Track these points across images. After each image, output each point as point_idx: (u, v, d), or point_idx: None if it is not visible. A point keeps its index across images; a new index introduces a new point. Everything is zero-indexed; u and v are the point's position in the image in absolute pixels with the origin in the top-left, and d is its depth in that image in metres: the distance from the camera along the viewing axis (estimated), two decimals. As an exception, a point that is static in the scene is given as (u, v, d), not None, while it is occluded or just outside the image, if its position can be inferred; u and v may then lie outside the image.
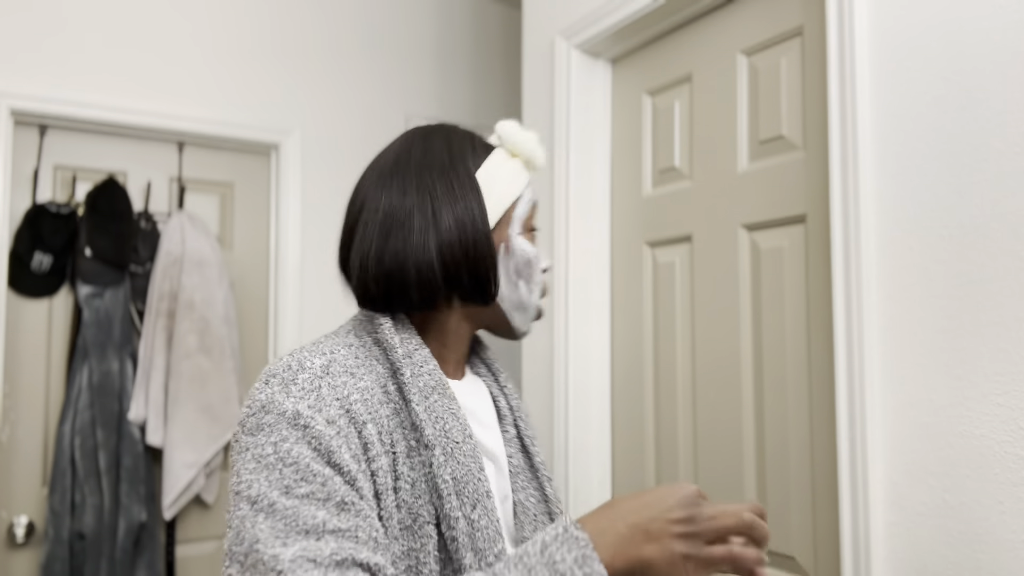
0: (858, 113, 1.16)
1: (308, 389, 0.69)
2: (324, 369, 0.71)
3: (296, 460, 0.65)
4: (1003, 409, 0.98)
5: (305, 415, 0.67)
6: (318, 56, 2.54)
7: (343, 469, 0.66)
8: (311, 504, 0.63)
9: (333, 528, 0.63)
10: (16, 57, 2.07)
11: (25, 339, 2.09)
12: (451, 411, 0.74)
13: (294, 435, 0.66)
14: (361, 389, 0.72)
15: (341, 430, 0.68)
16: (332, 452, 0.66)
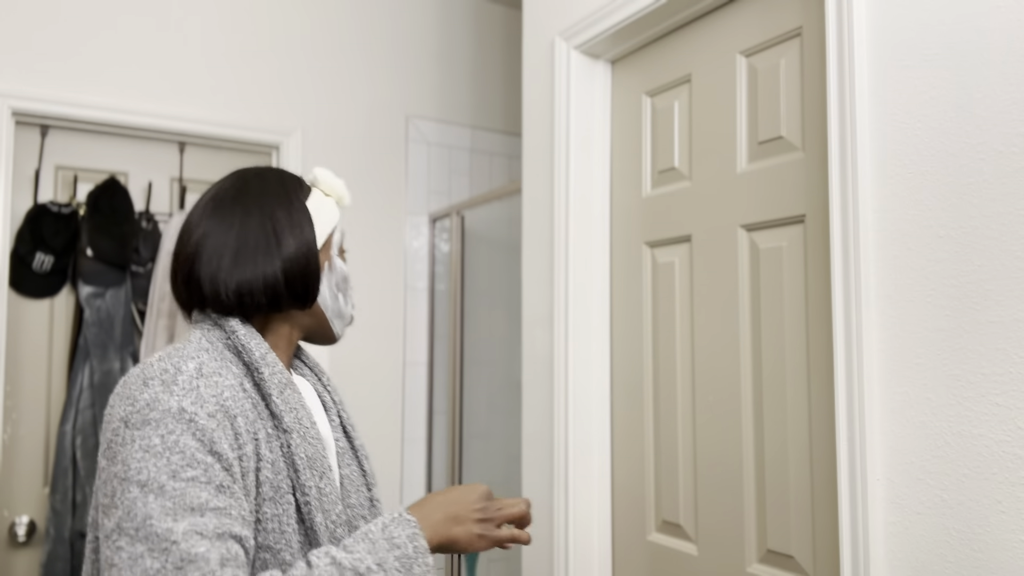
0: (857, 113, 1.16)
1: (188, 388, 0.81)
2: (198, 371, 0.83)
3: (183, 449, 0.76)
4: (1001, 409, 0.99)
5: (189, 411, 0.79)
6: (318, 56, 2.54)
7: (222, 456, 0.79)
8: (196, 486, 0.75)
9: (214, 507, 0.75)
10: (17, 57, 2.07)
11: (26, 339, 2.09)
12: (300, 403, 0.90)
13: (180, 428, 0.77)
14: (228, 387, 0.85)
15: (220, 423, 0.80)
16: (214, 442, 0.79)
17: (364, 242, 2.60)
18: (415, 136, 2.75)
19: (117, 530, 0.73)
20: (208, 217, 0.92)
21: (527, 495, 1.90)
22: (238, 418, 0.83)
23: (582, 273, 1.79)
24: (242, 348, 0.89)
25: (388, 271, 2.66)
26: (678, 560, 1.58)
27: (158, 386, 0.80)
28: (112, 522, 0.74)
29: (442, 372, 2.74)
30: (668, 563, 1.60)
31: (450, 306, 2.69)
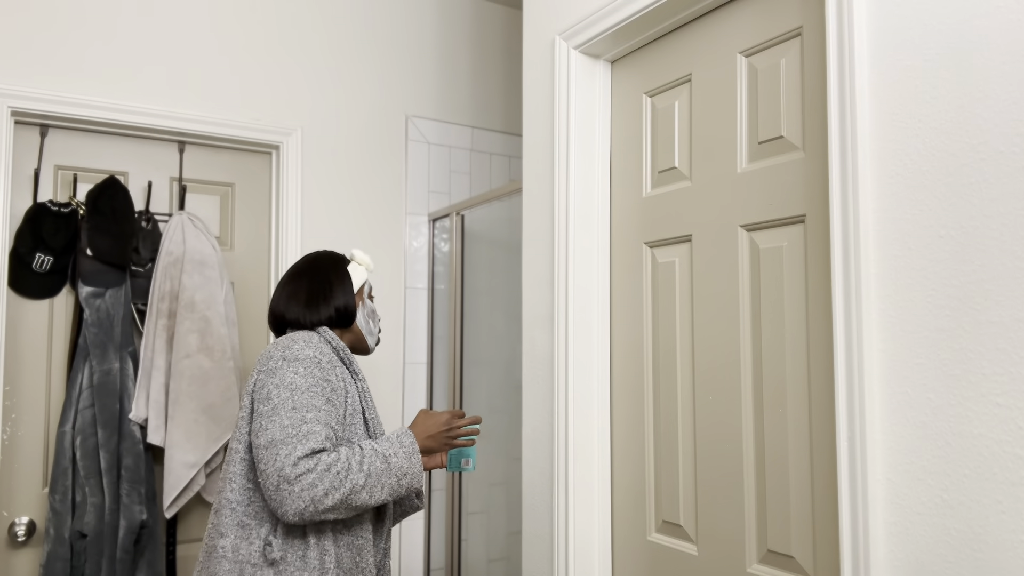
0: (857, 113, 1.16)
1: (317, 346, 1.48)
2: (316, 345, 1.49)
3: (313, 375, 1.43)
4: (1002, 409, 0.99)
5: (318, 358, 1.46)
6: (319, 56, 2.54)
7: (331, 383, 1.45)
8: (317, 396, 1.42)
9: (323, 408, 1.41)
10: (17, 57, 2.07)
11: (26, 339, 2.09)
12: (362, 375, 1.58)
13: (313, 365, 1.44)
14: (329, 355, 1.50)
15: (332, 367, 1.48)
16: (328, 374, 1.45)
17: (364, 242, 2.60)
18: (415, 136, 2.75)
19: (271, 409, 1.38)
20: (288, 280, 1.63)
21: (527, 495, 1.90)
22: (336, 368, 1.48)
23: (582, 273, 1.79)
24: (331, 339, 1.54)
25: (388, 271, 2.66)
26: (678, 560, 1.58)
27: (301, 344, 1.46)
28: (267, 407, 1.39)
29: (442, 372, 2.74)
30: (668, 563, 1.60)
31: (450, 306, 2.69)
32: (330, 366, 1.46)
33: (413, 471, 1.45)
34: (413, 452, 1.46)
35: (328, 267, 1.63)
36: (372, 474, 1.38)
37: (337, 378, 1.46)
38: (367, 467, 1.38)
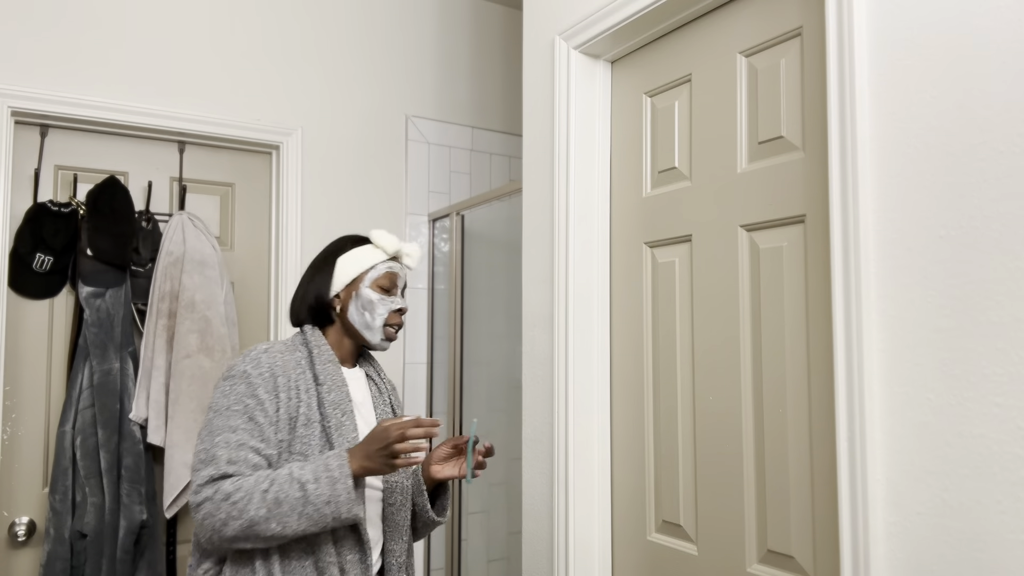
0: (857, 113, 1.16)
1: (253, 359, 1.36)
2: (266, 349, 1.38)
3: (238, 392, 1.32)
4: (1002, 409, 0.99)
5: (249, 371, 1.34)
6: (318, 56, 2.54)
7: (259, 398, 1.31)
8: (237, 415, 1.30)
9: (243, 427, 1.29)
10: (17, 57, 2.07)
11: (26, 339, 2.09)
12: (337, 371, 1.42)
13: (240, 381, 1.33)
14: (283, 360, 1.38)
15: (265, 379, 1.33)
16: (256, 388, 1.32)
17: (364, 242, 2.60)
18: (415, 136, 2.75)
19: (198, 434, 1.41)
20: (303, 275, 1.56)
21: (527, 495, 1.90)
22: (279, 377, 1.35)
23: (582, 273, 1.79)
24: (308, 341, 1.44)
25: (388, 271, 2.66)
26: (678, 560, 1.58)
27: (239, 358, 1.37)
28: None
29: (442, 372, 2.74)
30: (668, 563, 1.60)
31: (450, 306, 2.69)
32: (268, 376, 1.33)
33: (338, 499, 1.23)
34: (340, 478, 1.24)
35: (321, 257, 1.51)
36: (282, 503, 1.22)
37: (275, 388, 1.33)
38: (273, 496, 1.22)
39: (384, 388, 1.56)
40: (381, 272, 1.47)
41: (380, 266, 1.48)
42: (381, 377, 1.57)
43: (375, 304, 1.45)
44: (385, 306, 1.46)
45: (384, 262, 1.49)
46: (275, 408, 1.32)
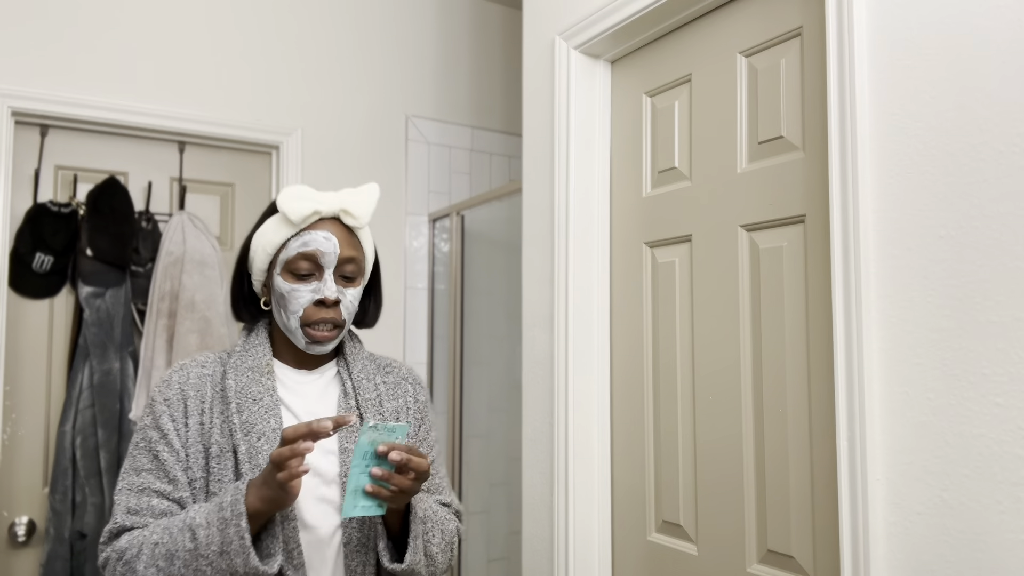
0: (857, 113, 1.16)
1: (164, 379, 1.14)
2: (182, 364, 1.15)
3: (143, 426, 1.11)
4: (1001, 409, 0.99)
5: (155, 397, 1.12)
6: (318, 56, 2.54)
7: (162, 430, 1.09)
8: (142, 453, 1.09)
9: (148, 468, 1.08)
10: (17, 57, 2.07)
11: (26, 339, 2.09)
12: (258, 381, 1.12)
13: (147, 410, 1.12)
14: (200, 376, 1.13)
15: (172, 404, 1.10)
16: (159, 419, 1.10)
17: (364, 242, 2.60)
18: (415, 136, 2.75)
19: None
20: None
21: (527, 495, 1.90)
22: (190, 399, 1.11)
23: (582, 273, 1.79)
24: (231, 348, 1.19)
25: (388, 271, 2.66)
26: (678, 560, 1.58)
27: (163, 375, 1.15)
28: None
29: (442, 372, 2.74)
30: (668, 563, 1.60)
31: (450, 306, 2.69)
32: (177, 400, 1.10)
33: (230, 547, 0.95)
34: (232, 518, 0.96)
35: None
36: (175, 557, 0.98)
37: (184, 414, 1.09)
38: (165, 549, 0.99)
39: (355, 388, 1.18)
40: (292, 252, 1.09)
41: (291, 243, 1.10)
42: (352, 371, 1.19)
43: (286, 297, 1.10)
44: (299, 298, 1.09)
45: (297, 236, 1.10)
46: (183, 440, 1.08)
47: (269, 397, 1.11)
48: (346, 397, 1.17)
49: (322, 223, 1.11)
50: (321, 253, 1.09)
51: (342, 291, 1.12)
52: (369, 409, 1.16)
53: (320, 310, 1.10)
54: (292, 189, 1.10)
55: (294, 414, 1.13)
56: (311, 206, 1.09)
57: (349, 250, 1.13)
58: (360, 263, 1.15)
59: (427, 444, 1.26)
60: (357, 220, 1.12)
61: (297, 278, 1.10)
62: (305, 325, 1.10)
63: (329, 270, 1.10)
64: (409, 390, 1.26)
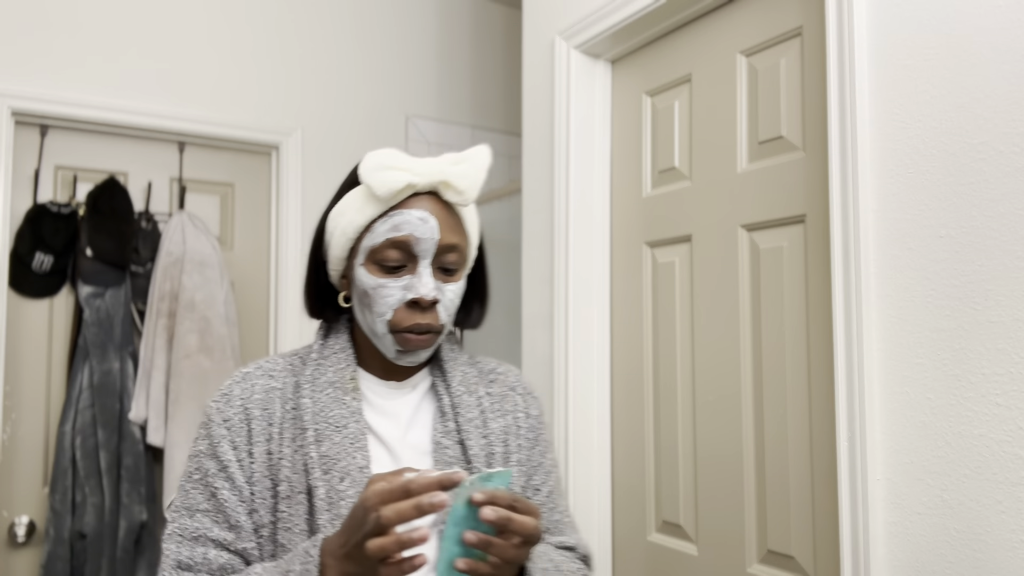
0: (858, 113, 1.16)
1: (224, 392, 0.92)
2: (244, 374, 0.93)
3: (197, 452, 0.90)
4: (1002, 409, 0.99)
5: (212, 415, 0.90)
6: (318, 56, 2.54)
7: (221, 460, 0.87)
8: (197, 488, 0.88)
9: (204, 509, 0.86)
10: (17, 57, 2.07)
11: (26, 339, 2.09)
12: (341, 402, 0.90)
13: (203, 431, 0.90)
14: (268, 389, 0.91)
15: (233, 426, 0.89)
16: (217, 445, 0.88)
17: (364, 242, 2.60)
18: (415, 136, 2.75)
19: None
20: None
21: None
22: (255, 420, 0.89)
23: (582, 273, 1.79)
24: (309, 350, 0.97)
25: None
26: (678, 560, 1.58)
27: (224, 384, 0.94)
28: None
29: (442, 372, 2.73)
30: (668, 563, 1.60)
31: (450, 306, 2.68)
32: (239, 421, 0.88)
33: None
34: None
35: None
36: None
37: (247, 440, 0.88)
38: None
39: (454, 407, 0.94)
40: (379, 237, 0.87)
41: (378, 226, 0.87)
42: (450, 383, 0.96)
43: (370, 296, 0.88)
44: (387, 297, 0.87)
45: (385, 217, 0.87)
46: (247, 474, 0.87)
47: (355, 423, 0.88)
48: (443, 418, 0.94)
49: (417, 199, 0.87)
50: (416, 239, 0.86)
51: (441, 287, 0.89)
52: (471, 433, 0.93)
53: (414, 313, 0.87)
54: (379, 155, 0.86)
55: (385, 444, 0.91)
56: (403, 177, 0.84)
57: (451, 235, 0.88)
58: (464, 251, 0.91)
59: (542, 471, 1.00)
60: (462, 196, 0.87)
61: (385, 271, 0.87)
62: (395, 331, 0.87)
63: (425, 260, 0.87)
64: (519, 403, 1.01)
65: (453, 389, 0.95)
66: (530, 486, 0.99)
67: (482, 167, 0.88)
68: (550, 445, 1.05)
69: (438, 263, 0.89)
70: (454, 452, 0.91)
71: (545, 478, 1.01)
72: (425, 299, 0.86)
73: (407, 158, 0.87)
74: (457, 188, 0.87)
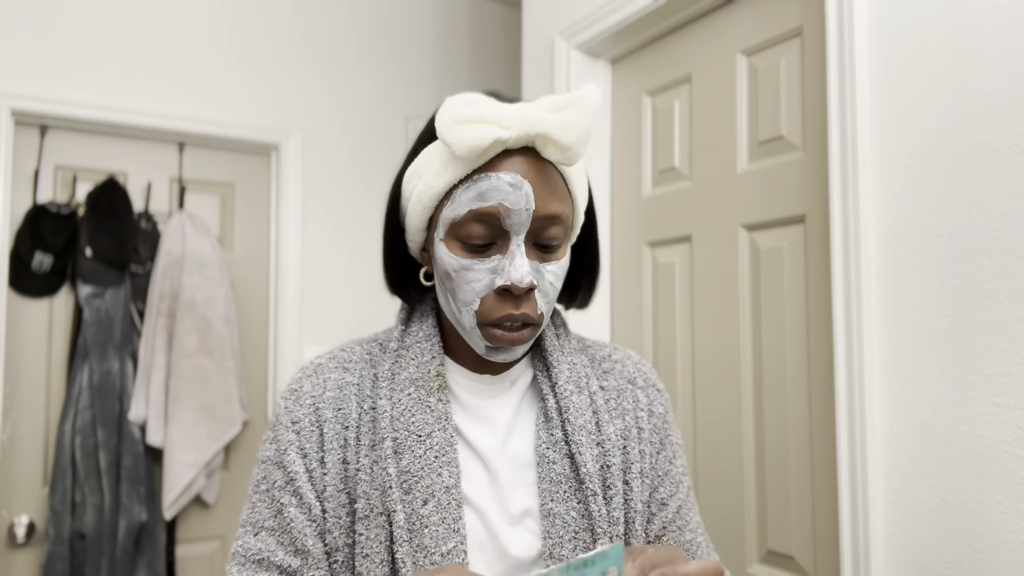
0: (858, 113, 1.16)
1: (293, 388, 0.79)
2: (317, 366, 0.80)
3: (265, 458, 0.77)
4: (1002, 409, 0.99)
5: (280, 416, 0.77)
6: (318, 56, 2.54)
7: (288, 470, 0.74)
8: (263, 501, 0.75)
9: (270, 527, 0.74)
10: (17, 58, 2.07)
11: (26, 339, 2.09)
12: (425, 405, 0.74)
13: (269, 434, 0.78)
14: (342, 385, 0.77)
15: (303, 430, 0.75)
16: (285, 453, 0.75)
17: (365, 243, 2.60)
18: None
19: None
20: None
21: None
22: (328, 423, 0.75)
23: (582, 273, 1.79)
24: (391, 335, 0.81)
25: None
26: (678, 560, 1.58)
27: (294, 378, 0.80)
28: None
29: (442, 372, 2.73)
30: (668, 563, 1.60)
31: (450, 306, 2.68)
32: (310, 423, 0.76)
33: None
34: None
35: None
36: None
37: (319, 446, 0.75)
38: None
39: (561, 409, 0.77)
40: (461, 208, 0.70)
41: (459, 194, 0.70)
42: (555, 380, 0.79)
43: (453, 279, 0.72)
44: (472, 282, 0.71)
45: (469, 183, 0.70)
46: (318, 488, 0.74)
47: (441, 431, 0.73)
48: (548, 424, 0.77)
49: (508, 159, 0.69)
50: (506, 210, 0.68)
51: (539, 269, 0.72)
52: (582, 443, 0.75)
53: (505, 303, 0.70)
54: (459, 102, 0.69)
55: (479, 456, 0.76)
56: (490, 132, 0.66)
57: (551, 202, 0.70)
58: (567, 221, 0.73)
59: (669, 481, 0.83)
60: (566, 153, 0.68)
61: (470, 250, 0.71)
62: (484, 324, 0.72)
63: (519, 236, 0.70)
64: (640, 400, 0.84)
65: (560, 388, 0.78)
66: (655, 500, 0.82)
67: (590, 113, 0.67)
68: (680, 448, 0.87)
69: (535, 239, 0.71)
70: (561, 467, 0.75)
71: (674, 489, 0.83)
72: (519, 286, 0.68)
73: (496, 105, 0.69)
74: (559, 143, 0.67)
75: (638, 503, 0.77)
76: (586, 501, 0.74)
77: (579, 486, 0.74)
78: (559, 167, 0.72)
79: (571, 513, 0.74)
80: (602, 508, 0.73)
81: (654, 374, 0.89)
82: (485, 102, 0.69)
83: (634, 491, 0.77)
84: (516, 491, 0.75)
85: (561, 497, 0.74)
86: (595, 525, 0.73)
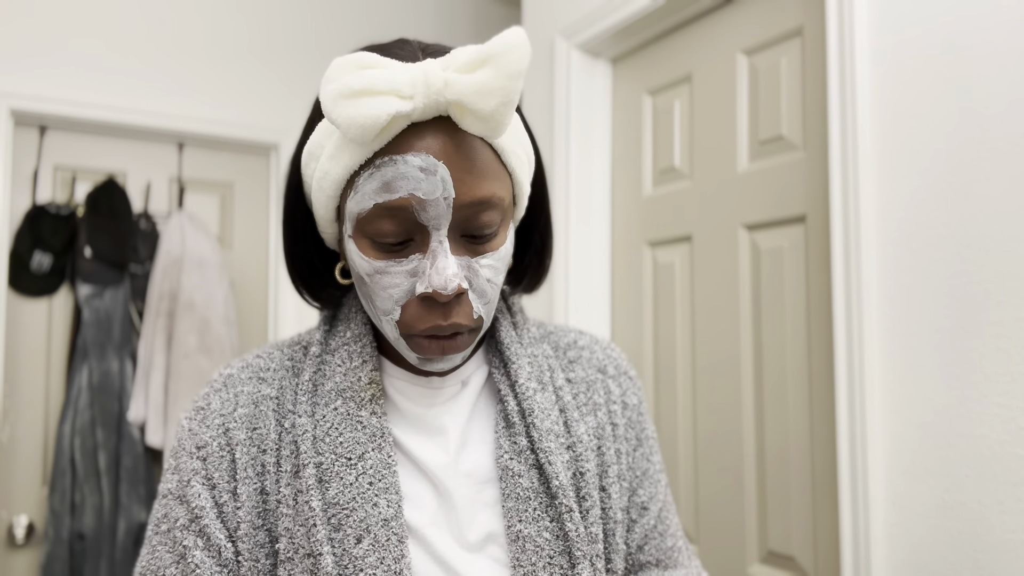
0: (858, 113, 1.16)
1: (200, 405, 0.66)
2: (224, 380, 0.67)
3: (165, 492, 0.64)
4: (1002, 409, 0.99)
5: (184, 440, 0.65)
6: (318, 56, 2.54)
7: (192, 506, 0.62)
8: (164, 544, 0.62)
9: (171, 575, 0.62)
10: (16, 57, 2.07)
11: (25, 339, 2.09)
12: (356, 420, 0.61)
13: (171, 463, 0.65)
14: (258, 399, 0.65)
15: (210, 456, 0.63)
16: (188, 486, 0.62)
17: (363, 242, 2.60)
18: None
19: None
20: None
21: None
22: (240, 447, 0.62)
23: (582, 273, 1.79)
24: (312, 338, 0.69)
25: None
26: (678, 560, 1.58)
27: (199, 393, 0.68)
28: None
29: (441, 372, 2.73)
30: (668, 563, 1.60)
31: (449, 306, 2.68)
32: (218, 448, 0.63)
33: None
34: None
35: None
36: None
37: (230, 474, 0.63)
38: None
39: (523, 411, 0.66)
40: (367, 202, 0.56)
41: (362, 183, 0.56)
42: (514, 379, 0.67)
43: (368, 284, 0.60)
44: (388, 288, 0.59)
45: (371, 168, 0.56)
46: (231, 525, 0.62)
47: (376, 451, 0.61)
48: (509, 430, 0.65)
49: (417, 134, 0.55)
50: (420, 203, 0.55)
51: (471, 266, 0.59)
52: (552, 450, 0.64)
53: (431, 312, 0.58)
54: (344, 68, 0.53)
55: (426, 475, 0.64)
56: (386, 106, 0.52)
57: (479, 185, 0.57)
58: (502, 202, 0.59)
59: (648, 481, 0.74)
60: (487, 124, 0.54)
61: (382, 250, 0.58)
62: (409, 335, 0.60)
63: (440, 232, 0.56)
64: (612, 390, 0.74)
65: (521, 386, 0.66)
66: (635, 504, 0.72)
67: (514, 71, 0.51)
68: (656, 443, 0.76)
69: (463, 230, 0.58)
70: (529, 481, 0.63)
71: (654, 491, 0.73)
72: (442, 293, 0.56)
73: (392, 69, 0.53)
74: (478, 111, 0.53)
75: (617, 512, 0.67)
76: (560, 519, 0.62)
77: (551, 502, 0.63)
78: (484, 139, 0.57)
79: (544, 535, 0.61)
80: (579, 526, 0.62)
81: (625, 360, 0.78)
82: (378, 65, 0.53)
83: (612, 499, 0.67)
84: (475, 514, 0.63)
85: (531, 516, 0.62)
86: (572, 547, 0.61)
